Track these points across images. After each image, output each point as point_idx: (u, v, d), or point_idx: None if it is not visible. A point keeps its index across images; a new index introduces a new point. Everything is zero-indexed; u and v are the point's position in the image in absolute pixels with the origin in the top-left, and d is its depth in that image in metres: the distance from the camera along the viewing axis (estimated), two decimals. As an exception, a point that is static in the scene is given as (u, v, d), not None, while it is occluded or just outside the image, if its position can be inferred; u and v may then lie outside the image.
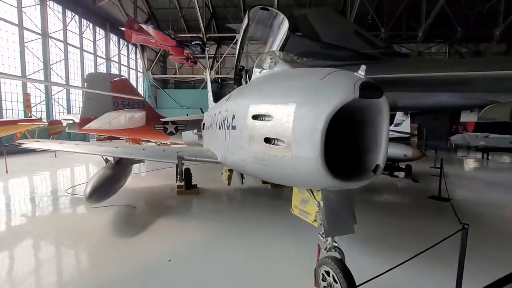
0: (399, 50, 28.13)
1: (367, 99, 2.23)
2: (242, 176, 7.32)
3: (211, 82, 32.95)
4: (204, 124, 8.13)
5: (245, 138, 3.44)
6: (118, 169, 6.16)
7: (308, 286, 3.14)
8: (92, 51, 24.11)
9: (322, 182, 2.42)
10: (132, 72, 30.60)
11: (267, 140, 2.93)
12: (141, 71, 32.26)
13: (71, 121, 14.38)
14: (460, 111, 14.43)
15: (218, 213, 5.90)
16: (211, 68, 31.83)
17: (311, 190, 3.07)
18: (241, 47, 5.00)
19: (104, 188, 5.12)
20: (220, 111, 5.28)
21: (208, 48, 28.50)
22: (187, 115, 16.50)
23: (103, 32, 25.41)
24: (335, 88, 2.27)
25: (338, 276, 2.63)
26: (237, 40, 5.29)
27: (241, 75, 5.56)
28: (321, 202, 2.94)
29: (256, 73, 4.13)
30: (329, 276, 2.79)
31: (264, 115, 3.04)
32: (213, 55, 33.37)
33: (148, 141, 17.59)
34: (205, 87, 33.28)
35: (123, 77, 14.22)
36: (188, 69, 35.72)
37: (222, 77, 34.41)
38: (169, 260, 3.72)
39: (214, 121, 5.95)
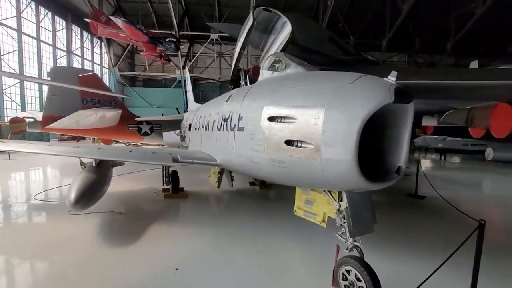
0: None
1: (399, 104, 2.33)
2: (232, 178, 7.23)
3: (184, 81, 32.04)
4: (190, 124, 7.84)
5: (259, 140, 3.40)
6: (100, 172, 5.64)
7: (325, 286, 3.17)
8: (51, 43, 21.93)
9: (354, 183, 2.47)
10: (97, 67, 28.49)
11: (288, 142, 2.93)
12: (107, 66, 30.16)
13: (31, 119, 12.90)
14: (422, 116, 15.83)
15: (213, 217, 5.73)
16: (183, 67, 30.87)
17: (329, 192, 3.12)
18: (243, 47, 4.91)
19: (89, 193, 4.66)
20: (217, 112, 5.13)
21: (182, 46, 27.62)
22: (162, 114, 15.77)
23: (64, 22, 23.27)
24: (370, 92, 2.34)
25: (362, 275, 2.71)
26: (237, 39, 5.17)
27: (238, 76, 5.50)
28: (342, 204, 3.00)
29: (265, 74, 4.09)
30: (350, 275, 2.86)
31: (283, 117, 3.03)
32: (186, 54, 32.41)
33: (117, 142, 16.53)
34: (178, 86, 32.27)
35: (92, 73, 13.15)
36: (158, 67, 34.30)
37: (195, 76, 33.53)
38: (176, 269, 3.51)
39: (207, 122, 5.77)
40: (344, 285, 2.94)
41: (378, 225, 3.19)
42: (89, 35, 26.63)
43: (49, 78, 12.09)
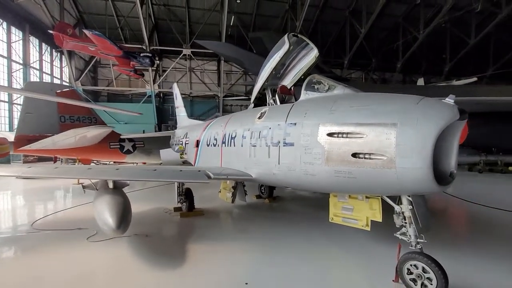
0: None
1: (460, 120, 2.90)
2: (245, 193, 7.37)
3: (155, 96, 31.09)
4: (198, 141, 7.82)
5: (317, 154, 3.75)
6: (121, 193, 5.42)
7: (385, 281, 3.55)
8: (6, 55, 19.80)
9: (428, 187, 2.95)
10: (57, 81, 26.21)
11: (355, 155, 3.33)
12: (67, 81, 27.95)
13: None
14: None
15: (245, 232, 5.77)
16: (153, 82, 30.03)
17: (397, 197, 3.53)
18: (275, 69, 5.27)
19: (126, 215, 4.53)
20: (248, 128, 5.34)
21: (158, 61, 26.99)
22: (143, 131, 15.09)
23: (21, 33, 21.26)
24: (439, 111, 2.89)
25: (430, 267, 3.14)
26: (266, 62, 5.51)
27: (264, 94, 5.82)
28: (402, 207, 3.45)
29: (308, 94, 4.49)
30: (417, 269, 3.27)
31: (347, 133, 3.44)
32: (155, 69, 31.62)
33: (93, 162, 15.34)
34: (147, 101, 31.10)
35: (71, 88, 12.27)
36: (125, 81, 32.81)
37: (164, 91, 32.73)
38: (246, 283, 3.58)
39: (231, 139, 5.91)
40: (410, 279, 3.35)
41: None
42: (49, 47, 24.60)
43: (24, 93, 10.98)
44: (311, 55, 5.13)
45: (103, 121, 13.28)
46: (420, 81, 28.29)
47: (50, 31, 18.31)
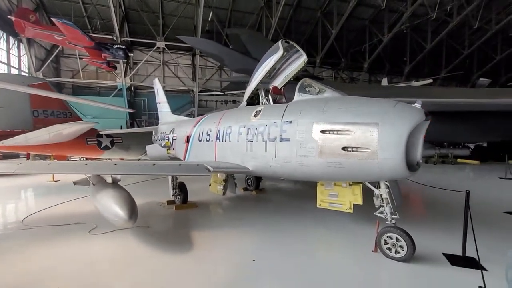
0: (303, 72, 33.95)
1: (425, 121, 3.72)
2: (235, 185, 7.88)
3: (126, 90, 29.89)
4: (188, 137, 8.10)
5: (311, 148, 4.41)
6: (121, 187, 5.63)
7: (366, 252, 4.35)
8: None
9: (402, 173, 3.75)
10: (15, 71, 24.00)
11: (344, 148, 4.03)
12: (26, 71, 25.71)
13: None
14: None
15: (239, 220, 6.28)
16: (124, 75, 28.83)
17: (375, 183, 4.31)
18: (269, 74, 5.81)
19: (134, 206, 4.79)
20: (244, 125, 5.84)
21: (132, 54, 25.91)
22: (121, 127, 14.65)
23: (-28, 17, 19.16)
24: (411, 113, 3.68)
25: (402, 236, 3.97)
26: (261, 68, 6.01)
27: (257, 94, 6.35)
28: (380, 190, 4.24)
29: (300, 96, 5.11)
30: (392, 239, 4.09)
31: (338, 130, 4.13)
32: (126, 61, 30.27)
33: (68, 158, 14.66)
34: (118, 94, 29.76)
35: (45, 81, 11.62)
36: (92, 73, 30.96)
37: (136, 84, 31.55)
38: (254, 260, 4.15)
39: (226, 134, 6.35)
40: (386, 248, 4.16)
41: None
42: (4, 33, 22.43)
43: None
44: (301, 60, 5.74)
45: (78, 116, 12.79)
46: (384, 81, 30.72)
47: (10, 17, 16.82)
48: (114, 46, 19.23)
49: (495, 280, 3.42)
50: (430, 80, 29.55)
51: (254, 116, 5.73)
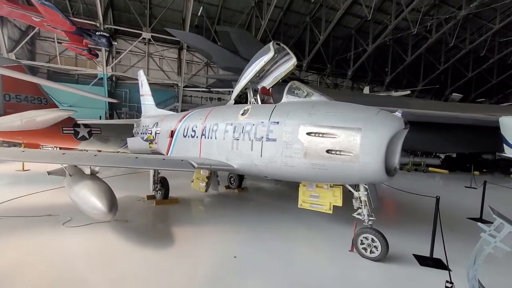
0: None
1: (404, 129, 3.95)
2: (218, 183, 7.89)
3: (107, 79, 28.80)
4: (172, 131, 7.98)
5: (296, 149, 4.54)
6: (99, 179, 5.45)
7: (343, 251, 4.54)
8: None
9: (380, 177, 3.94)
10: (-17, 51, 22.32)
11: (328, 151, 4.19)
12: (-2, 52, 23.98)
13: None
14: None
15: (222, 217, 6.29)
16: (106, 64, 27.74)
17: (355, 185, 4.50)
18: (258, 74, 5.87)
19: (114, 199, 4.66)
20: (231, 123, 5.86)
21: (116, 43, 24.92)
22: (100, 117, 14.00)
23: None
24: (392, 121, 3.88)
25: (377, 237, 4.19)
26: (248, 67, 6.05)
27: (246, 93, 6.39)
28: (359, 193, 4.44)
29: (289, 98, 5.21)
30: (367, 240, 4.30)
31: (323, 133, 4.28)
32: (108, 49, 29.10)
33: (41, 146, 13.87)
34: (98, 83, 28.55)
35: (18, 63, 10.93)
36: (70, 59, 29.44)
37: (117, 74, 30.41)
38: (235, 257, 4.19)
39: (212, 131, 6.33)
40: (362, 248, 4.37)
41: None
42: (-26, 9, 20.77)
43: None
44: (290, 62, 5.88)
45: (54, 103, 12.17)
46: (366, 89, 31.85)
47: (-18, -8, 15.60)
48: (97, 33, 18.44)
49: (458, 279, 3.71)
50: (408, 92, 31.00)
51: (242, 114, 5.76)
